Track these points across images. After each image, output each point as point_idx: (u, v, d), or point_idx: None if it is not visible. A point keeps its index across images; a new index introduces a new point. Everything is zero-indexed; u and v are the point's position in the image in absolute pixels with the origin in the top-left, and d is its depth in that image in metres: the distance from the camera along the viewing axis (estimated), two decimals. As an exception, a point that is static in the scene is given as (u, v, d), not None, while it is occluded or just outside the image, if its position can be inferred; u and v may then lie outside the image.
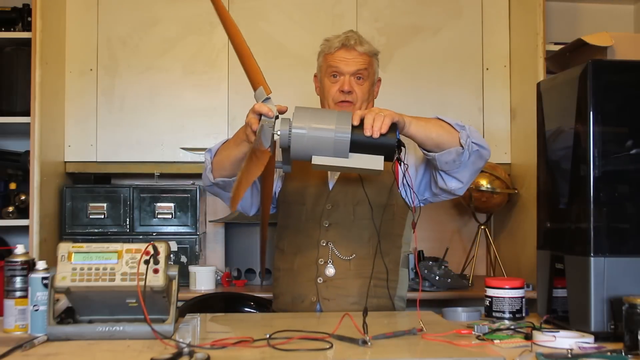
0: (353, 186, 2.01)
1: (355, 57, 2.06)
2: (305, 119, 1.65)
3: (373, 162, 1.65)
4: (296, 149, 1.65)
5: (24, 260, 1.65)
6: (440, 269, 2.86)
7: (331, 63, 2.08)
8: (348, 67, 2.06)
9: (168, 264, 1.54)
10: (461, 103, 3.22)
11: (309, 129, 1.64)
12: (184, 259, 2.99)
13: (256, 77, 1.76)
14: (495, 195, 3.05)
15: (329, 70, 2.08)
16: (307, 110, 1.68)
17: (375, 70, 2.14)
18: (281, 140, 1.65)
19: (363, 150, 1.65)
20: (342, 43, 2.08)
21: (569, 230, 1.63)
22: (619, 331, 1.45)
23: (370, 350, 1.38)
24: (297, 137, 1.64)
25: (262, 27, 3.15)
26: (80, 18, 3.11)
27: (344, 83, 2.05)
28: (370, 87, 2.11)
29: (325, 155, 1.64)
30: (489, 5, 3.25)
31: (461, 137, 1.85)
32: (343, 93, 2.05)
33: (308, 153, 1.65)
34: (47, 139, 2.89)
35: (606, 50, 2.72)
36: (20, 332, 1.61)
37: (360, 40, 2.09)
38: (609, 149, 1.54)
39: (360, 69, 2.06)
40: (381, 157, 1.65)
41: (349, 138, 1.63)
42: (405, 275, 2.04)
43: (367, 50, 2.09)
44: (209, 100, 3.12)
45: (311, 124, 1.64)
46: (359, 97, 2.07)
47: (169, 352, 1.32)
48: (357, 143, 1.64)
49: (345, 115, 1.67)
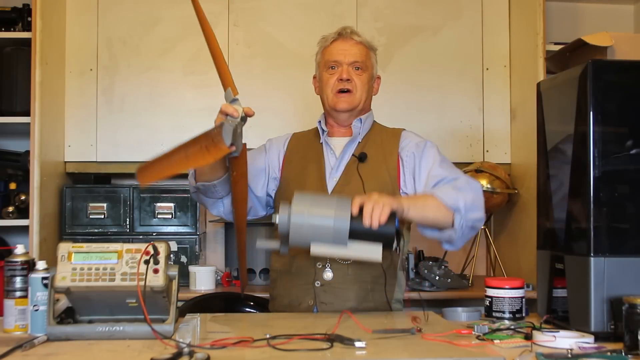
0: (353, 189, 2.00)
1: (352, 46, 2.07)
2: (304, 206, 1.66)
3: (372, 251, 1.66)
4: (295, 237, 1.66)
5: (24, 260, 1.65)
6: (440, 269, 2.86)
7: (329, 57, 2.08)
8: (346, 57, 2.06)
9: (168, 264, 1.54)
10: (461, 103, 3.22)
11: (308, 217, 1.65)
12: (184, 259, 2.99)
13: (226, 79, 1.77)
14: (495, 195, 3.05)
15: (328, 62, 2.08)
16: (305, 197, 1.69)
17: (373, 64, 2.13)
18: (280, 227, 1.66)
19: (362, 238, 1.66)
20: (338, 33, 2.09)
21: (569, 230, 1.63)
22: (619, 331, 1.45)
23: (370, 350, 1.38)
24: (296, 226, 1.65)
25: (262, 27, 3.15)
26: (80, 18, 3.11)
27: (343, 71, 2.05)
28: (369, 80, 2.11)
29: (324, 243, 1.65)
30: (489, 5, 3.25)
31: (455, 220, 1.86)
32: (342, 81, 2.05)
33: (307, 241, 1.66)
34: (47, 139, 2.89)
35: (606, 50, 2.72)
36: (20, 332, 1.61)
37: (355, 31, 2.10)
38: (609, 149, 1.54)
39: (358, 59, 2.06)
40: (379, 246, 1.67)
41: (348, 228, 1.64)
42: (403, 278, 2.05)
43: (364, 41, 2.10)
44: (209, 100, 3.11)
45: (310, 212, 1.65)
46: (357, 86, 2.06)
47: (169, 352, 1.32)
48: (356, 232, 1.65)
49: (345, 202, 1.67)
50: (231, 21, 3.13)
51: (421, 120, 3.16)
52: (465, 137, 3.22)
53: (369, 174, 2.01)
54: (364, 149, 2.07)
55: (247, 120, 1.74)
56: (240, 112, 1.71)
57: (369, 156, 2.05)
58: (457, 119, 3.22)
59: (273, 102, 3.12)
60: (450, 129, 3.21)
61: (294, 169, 2.12)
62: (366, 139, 2.10)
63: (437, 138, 3.19)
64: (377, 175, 2.01)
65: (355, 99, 2.06)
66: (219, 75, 1.78)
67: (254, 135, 3.13)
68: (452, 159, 3.18)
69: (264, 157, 2.17)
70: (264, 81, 3.13)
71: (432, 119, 3.20)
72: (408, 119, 3.02)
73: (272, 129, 3.10)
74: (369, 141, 2.09)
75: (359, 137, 2.09)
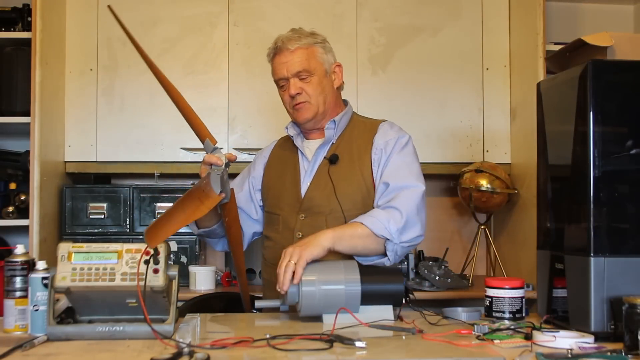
0: (324, 193, 2.00)
1: (289, 56, 2.00)
2: (313, 274, 1.68)
3: (383, 314, 1.68)
4: (307, 306, 1.67)
5: (24, 260, 1.65)
6: (440, 269, 2.86)
7: (274, 75, 2.06)
8: (288, 70, 2.01)
9: (168, 264, 1.54)
10: (461, 103, 3.22)
11: (319, 286, 1.67)
12: (184, 259, 2.99)
13: (201, 131, 1.79)
14: (495, 195, 3.05)
15: (277, 82, 2.06)
16: (314, 266, 1.71)
17: (321, 59, 2.04)
18: (290, 298, 1.68)
19: (372, 300, 1.68)
20: (273, 50, 2.04)
21: (569, 230, 1.63)
22: (619, 331, 1.45)
23: (370, 350, 1.38)
24: (308, 294, 1.66)
25: (262, 27, 3.14)
26: (80, 18, 3.11)
27: (290, 87, 2.01)
28: (322, 79, 2.03)
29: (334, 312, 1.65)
30: (489, 5, 3.25)
31: (387, 247, 1.87)
32: (292, 97, 2.02)
33: (319, 310, 1.68)
34: (47, 139, 2.89)
35: (606, 50, 2.72)
36: (20, 332, 1.61)
37: (290, 38, 2.02)
38: (609, 149, 1.54)
39: (299, 68, 2.00)
40: (390, 306, 1.70)
41: (360, 293, 1.66)
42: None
43: (301, 44, 2.01)
44: (209, 100, 3.12)
45: (320, 279, 1.67)
46: (310, 94, 2.02)
47: (169, 352, 1.32)
48: (366, 295, 1.67)
49: (352, 267, 1.70)
50: (231, 21, 3.13)
51: (421, 120, 3.17)
52: (465, 137, 3.22)
53: (341, 176, 2.00)
54: (337, 150, 2.05)
55: (247, 121, 1.75)
56: (223, 160, 1.75)
57: (342, 156, 2.03)
58: (457, 119, 3.22)
59: (273, 102, 3.12)
60: (450, 129, 3.21)
61: (273, 175, 2.14)
62: (341, 138, 2.07)
63: (437, 138, 3.21)
64: (349, 177, 2.00)
65: (313, 107, 2.03)
66: (193, 128, 1.80)
67: (254, 135, 3.14)
68: (452, 159, 3.23)
69: (247, 180, 2.19)
70: (264, 81, 3.12)
71: (432, 119, 3.20)
72: (408, 119, 3.02)
73: (272, 129, 3.11)
74: (343, 140, 2.07)
75: (333, 138, 2.07)
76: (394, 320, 1.68)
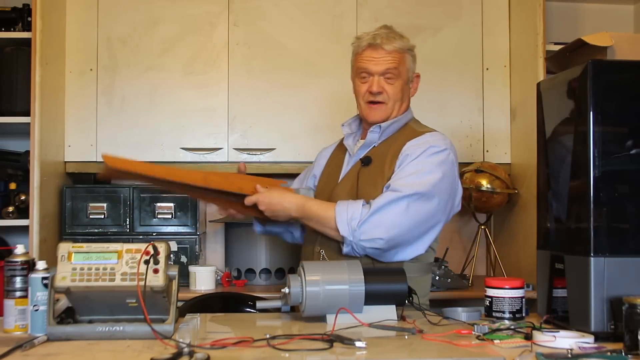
0: (345, 192, 2.01)
1: (383, 56, 2.01)
2: (317, 274, 1.68)
3: (386, 314, 1.68)
4: (310, 306, 1.66)
5: (24, 260, 1.65)
6: (440, 269, 2.86)
7: (359, 64, 2.04)
8: (376, 66, 2.01)
9: (168, 264, 1.54)
10: (461, 103, 3.22)
11: (323, 285, 1.66)
12: (184, 259, 2.99)
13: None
14: (495, 195, 3.05)
15: (358, 71, 2.05)
16: (317, 266, 1.71)
17: (408, 67, 2.07)
18: (293, 298, 1.67)
19: (375, 300, 1.68)
20: (368, 42, 2.03)
21: (569, 230, 1.63)
22: (619, 331, 1.45)
23: (370, 350, 1.38)
24: (312, 294, 1.65)
25: (262, 27, 3.14)
26: (80, 18, 3.11)
27: (373, 84, 2.01)
28: (404, 85, 2.06)
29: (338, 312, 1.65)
30: (489, 5, 3.25)
31: (344, 243, 1.89)
32: (372, 94, 2.02)
33: (322, 310, 1.67)
34: (47, 139, 2.89)
35: (606, 50, 2.71)
36: (20, 332, 1.61)
37: (388, 37, 2.03)
38: (609, 149, 1.54)
39: (389, 68, 2.01)
40: (393, 306, 1.70)
41: (364, 292, 1.65)
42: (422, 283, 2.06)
43: (397, 48, 2.03)
44: (209, 100, 3.12)
45: (324, 279, 1.66)
46: (390, 96, 2.03)
47: (169, 352, 1.32)
48: (370, 295, 1.67)
49: (355, 266, 1.70)
50: (231, 21, 3.13)
51: (421, 120, 3.13)
52: (465, 137, 3.22)
53: (368, 178, 2.01)
54: (375, 153, 2.05)
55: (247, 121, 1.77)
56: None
57: (375, 160, 2.03)
58: (457, 119, 3.22)
59: (273, 102, 3.12)
60: (450, 129, 3.20)
61: (325, 172, 2.18)
62: (384, 143, 2.07)
63: (437, 138, 3.20)
64: (374, 180, 2.00)
65: (388, 110, 2.04)
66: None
67: (254, 135, 3.14)
68: (452, 159, 3.22)
69: (308, 177, 2.25)
70: (264, 81, 3.13)
71: (432, 119, 3.16)
72: (408, 119, 3.02)
73: (272, 129, 3.11)
74: (384, 145, 2.07)
75: (376, 141, 2.07)
76: (397, 320, 1.68)
